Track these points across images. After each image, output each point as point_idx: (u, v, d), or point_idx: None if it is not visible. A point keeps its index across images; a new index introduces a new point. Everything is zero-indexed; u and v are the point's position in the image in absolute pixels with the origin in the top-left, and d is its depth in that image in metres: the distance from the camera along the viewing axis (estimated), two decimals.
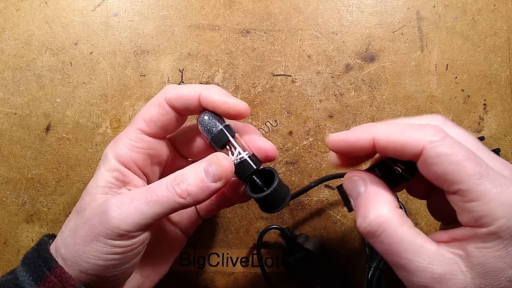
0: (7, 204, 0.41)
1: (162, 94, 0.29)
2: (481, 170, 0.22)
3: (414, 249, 0.23)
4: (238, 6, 0.42)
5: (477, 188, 0.21)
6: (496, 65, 0.41)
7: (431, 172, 0.23)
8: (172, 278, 0.40)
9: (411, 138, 0.23)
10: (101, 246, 0.26)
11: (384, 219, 0.23)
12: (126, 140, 0.29)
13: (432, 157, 0.22)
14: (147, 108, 0.29)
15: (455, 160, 0.22)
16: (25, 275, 0.27)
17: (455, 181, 0.22)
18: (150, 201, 0.26)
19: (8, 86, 0.41)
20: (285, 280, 0.41)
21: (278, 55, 0.42)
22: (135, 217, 0.26)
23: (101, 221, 0.26)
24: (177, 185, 0.27)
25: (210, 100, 0.28)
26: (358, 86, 0.41)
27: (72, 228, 0.28)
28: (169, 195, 0.26)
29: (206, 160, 0.28)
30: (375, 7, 0.42)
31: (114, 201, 0.26)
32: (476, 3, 0.42)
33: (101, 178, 0.28)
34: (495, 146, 0.41)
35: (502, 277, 0.21)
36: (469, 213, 0.22)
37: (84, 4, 0.42)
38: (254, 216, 0.41)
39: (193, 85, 0.30)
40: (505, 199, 0.21)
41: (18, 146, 0.41)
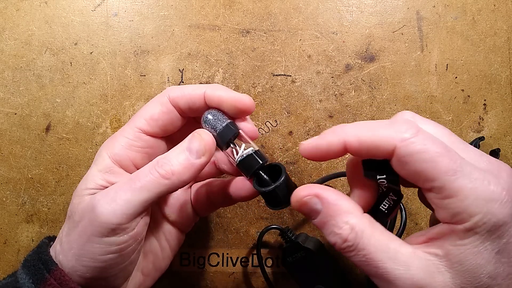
0: (7, 204, 0.41)
1: (166, 93, 0.29)
2: (455, 165, 0.21)
3: (390, 256, 0.22)
4: (238, 6, 0.42)
5: (452, 185, 0.21)
6: (496, 65, 0.41)
7: (405, 171, 0.22)
8: (172, 278, 0.40)
9: (382, 138, 0.23)
10: (96, 247, 0.26)
11: (357, 231, 0.23)
12: (123, 139, 0.29)
13: (405, 156, 0.22)
14: (149, 106, 0.29)
15: (428, 158, 0.21)
16: (25, 278, 0.27)
17: (429, 179, 0.21)
18: (135, 188, 0.26)
19: (8, 86, 0.41)
20: (285, 280, 0.41)
21: (278, 55, 0.42)
22: (123, 208, 0.25)
23: (90, 220, 0.25)
24: (160, 167, 0.26)
25: (216, 96, 0.28)
26: (358, 86, 0.41)
27: (66, 234, 0.28)
28: (153, 179, 0.26)
29: (187, 138, 0.27)
30: (375, 7, 0.42)
31: (100, 197, 0.26)
32: (476, 3, 0.42)
33: (90, 179, 0.28)
34: (495, 146, 0.41)
35: (482, 273, 0.21)
36: (445, 210, 0.22)
37: (84, 4, 0.42)
38: (254, 216, 0.41)
39: (196, 85, 0.30)
40: (480, 194, 0.21)
41: (18, 146, 0.41)
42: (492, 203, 0.20)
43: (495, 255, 0.21)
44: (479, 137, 0.40)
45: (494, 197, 0.20)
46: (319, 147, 0.25)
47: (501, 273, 0.21)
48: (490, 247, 0.21)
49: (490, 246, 0.21)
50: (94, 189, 0.27)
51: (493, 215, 0.20)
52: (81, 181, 0.29)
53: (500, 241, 0.21)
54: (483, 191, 0.21)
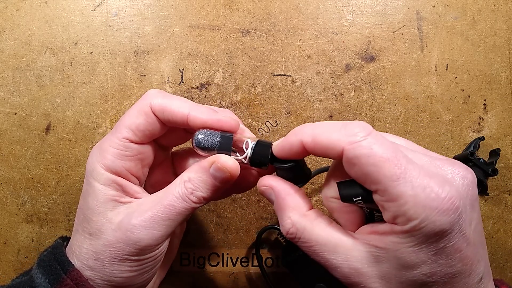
0: (7, 204, 0.41)
1: (147, 101, 0.28)
2: (399, 171, 0.22)
3: (329, 249, 0.24)
4: (238, 6, 0.42)
5: (393, 190, 0.22)
6: (496, 65, 0.41)
7: (353, 172, 0.23)
8: (172, 278, 0.40)
9: (333, 140, 0.24)
10: (132, 263, 0.27)
11: (298, 227, 0.25)
12: (113, 150, 0.28)
13: (352, 159, 0.23)
14: (132, 116, 0.28)
15: (373, 162, 0.22)
16: (41, 278, 0.27)
17: (374, 182, 0.22)
18: (171, 215, 0.27)
19: (8, 86, 0.41)
20: (285, 280, 0.41)
21: (278, 55, 0.42)
22: (162, 232, 0.27)
23: (128, 243, 0.27)
24: (191, 195, 0.28)
25: (200, 121, 0.28)
26: (358, 86, 0.41)
27: (92, 251, 0.28)
28: (187, 205, 0.28)
29: (213, 166, 0.28)
30: (375, 7, 0.42)
31: (135, 222, 0.27)
32: (476, 3, 0.42)
33: (100, 194, 0.28)
34: (495, 146, 0.41)
35: (417, 271, 0.22)
36: (388, 212, 0.23)
37: (84, 4, 0.42)
38: (254, 216, 0.41)
39: (179, 100, 0.29)
40: (420, 201, 0.21)
41: (18, 146, 0.41)
42: (430, 211, 0.21)
43: (431, 257, 0.22)
44: (479, 137, 0.40)
45: (433, 204, 0.21)
46: (284, 147, 0.26)
47: (438, 273, 0.22)
48: (426, 249, 0.22)
49: (426, 248, 0.22)
50: (109, 202, 0.28)
51: (430, 222, 0.21)
52: (85, 197, 0.29)
53: (438, 245, 0.21)
54: (423, 198, 0.21)
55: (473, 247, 0.22)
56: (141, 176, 0.31)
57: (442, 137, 0.41)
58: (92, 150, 0.29)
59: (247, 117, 0.41)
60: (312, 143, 0.24)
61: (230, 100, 0.42)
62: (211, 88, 0.42)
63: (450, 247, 0.21)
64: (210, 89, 0.42)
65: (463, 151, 0.41)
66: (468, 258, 0.22)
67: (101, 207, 0.28)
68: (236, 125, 0.29)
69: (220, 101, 0.41)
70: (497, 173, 0.39)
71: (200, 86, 0.42)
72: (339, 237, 0.25)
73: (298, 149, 0.25)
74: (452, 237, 0.21)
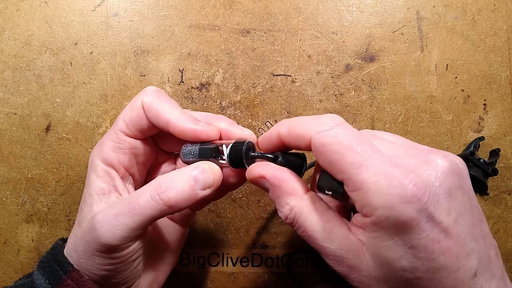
0: (7, 204, 0.41)
1: (141, 96, 0.29)
2: (361, 159, 0.21)
3: (324, 236, 0.24)
4: (238, 6, 0.42)
5: (356, 177, 0.21)
6: (496, 65, 0.41)
7: (321, 161, 0.24)
8: (172, 278, 0.40)
9: (303, 129, 0.24)
10: (100, 260, 0.27)
11: (295, 212, 0.25)
12: (109, 142, 0.29)
13: (318, 146, 0.23)
14: (127, 109, 0.29)
15: (337, 149, 0.22)
16: (41, 279, 0.28)
17: (339, 170, 0.22)
18: (134, 214, 0.26)
19: (8, 86, 0.41)
20: (285, 280, 0.41)
21: (278, 55, 0.42)
22: (123, 232, 0.26)
23: (92, 238, 0.26)
24: (162, 193, 0.26)
25: (178, 130, 0.28)
26: (358, 86, 0.41)
27: (74, 241, 0.28)
28: (154, 204, 0.26)
29: (197, 167, 0.27)
30: (375, 7, 0.42)
31: (100, 217, 0.26)
32: (476, 3, 0.42)
33: (93, 185, 0.29)
34: (495, 146, 0.41)
35: (397, 267, 0.21)
36: (356, 203, 0.22)
37: (84, 4, 0.42)
38: (254, 216, 0.41)
39: (169, 104, 0.28)
40: (381, 188, 0.21)
41: (18, 146, 0.41)
42: (394, 199, 0.20)
43: (408, 250, 0.21)
44: (479, 137, 0.40)
45: (395, 192, 0.20)
46: (264, 139, 0.27)
47: (419, 268, 0.21)
48: (401, 242, 0.21)
49: (400, 241, 0.21)
50: (98, 195, 0.28)
51: (395, 211, 0.20)
52: (84, 188, 0.29)
53: (411, 237, 0.21)
54: (385, 186, 0.21)
55: (456, 238, 0.21)
56: (135, 173, 0.31)
57: (442, 137, 0.41)
58: (96, 145, 0.30)
59: (247, 117, 0.41)
60: (286, 134, 0.25)
61: (230, 100, 0.42)
62: (211, 88, 0.42)
63: (425, 238, 0.20)
64: (210, 89, 0.42)
65: (463, 151, 0.41)
66: (451, 250, 0.21)
67: (91, 198, 0.28)
68: (214, 134, 0.28)
69: (220, 101, 0.41)
70: (497, 173, 0.39)
71: (200, 86, 0.42)
72: (334, 225, 0.24)
73: (276, 141, 0.26)
74: (423, 226, 0.20)
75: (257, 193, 0.41)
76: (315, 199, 0.25)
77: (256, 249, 0.41)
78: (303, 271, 0.40)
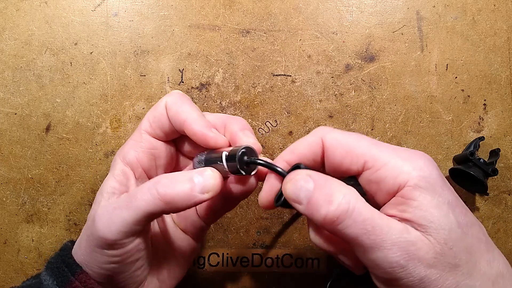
0: (7, 204, 0.41)
1: (165, 98, 0.29)
2: (375, 142, 0.24)
3: (385, 223, 0.22)
4: (238, 6, 0.42)
5: (380, 154, 0.23)
6: (496, 65, 0.41)
7: (337, 157, 0.25)
8: None
9: (309, 139, 0.26)
10: (99, 257, 0.26)
11: (351, 197, 0.22)
12: (131, 141, 0.29)
13: (332, 142, 0.25)
14: (152, 109, 0.30)
15: (351, 140, 0.24)
16: (49, 280, 0.28)
17: (359, 155, 0.24)
18: (130, 207, 0.25)
19: (8, 86, 0.41)
20: (285, 280, 0.41)
21: (278, 55, 0.42)
22: (118, 225, 0.25)
23: (92, 232, 0.26)
24: (161, 187, 0.25)
25: (191, 131, 0.28)
26: (358, 86, 0.41)
27: (80, 237, 0.29)
28: (150, 199, 0.25)
29: (200, 171, 0.27)
30: (375, 7, 0.42)
31: (100, 211, 0.26)
32: (476, 3, 0.42)
33: (107, 184, 0.28)
34: (495, 146, 0.41)
35: (453, 224, 0.22)
36: (385, 180, 0.23)
37: (84, 4, 0.42)
38: (254, 216, 0.41)
39: (190, 107, 0.28)
40: (404, 157, 0.23)
41: (18, 146, 0.41)
42: (418, 162, 0.23)
43: (449, 206, 0.22)
44: (479, 137, 0.40)
45: (417, 157, 0.23)
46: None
47: (460, 223, 0.22)
48: (441, 199, 0.22)
49: (441, 198, 0.22)
50: (108, 193, 0.28)
51: (424, 171, 0.23)
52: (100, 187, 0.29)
53: (444, 193, 0.23)
54: (406, 155, 0.23)
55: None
56: (153, 176, 0.30)
57: (442, 137, 0.41)
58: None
59: (247, 117, 0.41)
60: (293, 156, 0.26)
61: (230, 100, 0.42)
62: (211, 88, 0.42)
63: (452, 196, 0.23)
64: (210, 89, 0.42)
65: (463, 151, 0.41)
66: (468, 212, 0.23)
67: (100, 196, 0.28)
68: (222, 142, 0.28)
69: (220, 101, 0.41)
70: (497, 173, 0.39)
71: (200, 86, 0.42)
72: (388, 217, 0.23)
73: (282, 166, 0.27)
74: (444, 187, 0.23)
75: (257, 193, 0.41)
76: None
77: (256, 249, 0.41)
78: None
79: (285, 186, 0.25)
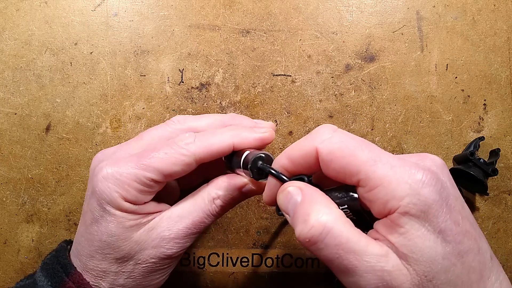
0: (7, 204, 0.41)
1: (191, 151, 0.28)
2: (374, 155, 0.22)
3: (361, 249, 0.21)
4: (238, 6, 0.42)
5: (375, 174, 0.21)
6: (496, 65, 0.41)
7: (331, 170, 0.23)
8: (172, 278, 0.40)
9: (304, 147, 0.24)
10: (163, 271, 0.30)
11: (327, 220, 0.22)
12: (136, 185, 0.29)
13: (327, 155, 0.23)
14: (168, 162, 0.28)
15: (348, 152, 0.22)
16: (44, 280, 0.28)
17: (353, 172, 0.22)
18: (200, 229, 0.29)
19: (8, 86, 0.41)
20: (285, 280, 0.41)
21: (278, 55, 0.42)
22: (191, 242, 0.29)
23: (160, 257, 0.29)
24: (220, 210, 0.29)
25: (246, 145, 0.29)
26: (358, 86, 0.41)
27: (123, 272, 0.30)
28: (213, 219, 0.29)
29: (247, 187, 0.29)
30: (375, 7, 0.42)
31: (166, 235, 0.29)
32: (476, 3, 0.42)
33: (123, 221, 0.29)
34: (495, 146, 0.41)
35: (436, 256, 0.21)
36: (377, 202, 0.22)
37: (84, 4, 0.42)
38: (254, 216, 0.41)
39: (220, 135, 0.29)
40: (402, 178, 0.21)
41: (18, 146, 0.41)
42: (416, 184, 0.21)
43: (438, 235, 0.21)
44: (479, 137, 0.40)
45: (416, 178, 0.21)
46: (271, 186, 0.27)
47: (452, 252, 0.21)
48: (431, 227, 0.21)
49: (430, 226, 0.21)
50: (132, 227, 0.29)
51: (420, 195, 0.21)
52: (100, 222, 0.28)
53: (438, 221, 0.21)
54: (404, 175, 0.21)
55: (468, 221, 0.22)
56: None
57: (442, 137, 0.41)
58: (106, 174, 0.27)
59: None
60: (289, 162, 0.25)
61: (230, 100, 0.42)
62: (211, 88, 0.42)
63: (449, 220, 0.21)
64: (210, 89, 0.42)
65: (463, 151, 0.41)
66: (470, 232, 0.21)
67: (127, 232, 0.27)
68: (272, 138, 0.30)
69: (220, 101, 0.42)
70: (497, 173, 0.39)
71: (200, 86, 0.42)
72: (367, 239, 0.22)
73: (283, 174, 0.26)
74: (444, 209, 0.21)
75: None
76: (344, 215, 0.24)
77: (256, 249, 0.41)
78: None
79: (278, 195, 0.25)
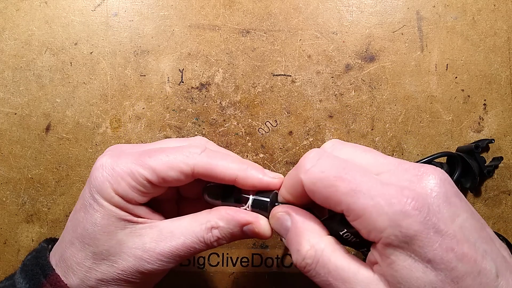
0: (7, 204, 0.41)
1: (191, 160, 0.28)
2: (354, 186, 0.21)
3: (349, 277, 0.22)
4: (238, 6, 0.42)
5: (355, 206, 0.21)
6: (496, 65, 0.41)
7: (317, 199, 0.23)
8: (172, 278, 0.40)
9: (293, 178, 0.24)
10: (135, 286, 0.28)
11: (316, 249, 0.23)
12: (129, 181, 0.28)
13: (310, 186, 0.23)
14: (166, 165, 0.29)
15: (328, 183, 0.22)
16: (22, 282, 0.27)
17: (336, 203, 0.22)
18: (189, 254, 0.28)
19: (8, 86, 0.41)
20: (285, 281, 0.41)
21: (278, 55, 0.42)
22: (174, 265, 0.28)
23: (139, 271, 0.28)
24: (214, 242, 0.28)
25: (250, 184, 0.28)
26: (358, 86, 0.41)
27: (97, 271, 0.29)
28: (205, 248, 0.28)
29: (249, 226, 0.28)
30: (375, 7, 0.42)
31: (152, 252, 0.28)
32: (476, 3, 0.42)
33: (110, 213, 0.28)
34: (495, 146, 0.41)
35: (427, 286, 0.20)
36: (362, 231, 0.22)
37: (84, 4, 0.42)
38: None
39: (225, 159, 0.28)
40: (382, 209, 0.21)
41: (18, 146, 0.41)
42: (396, 216, 0.20)
43: (427, 264, 0.20)
44: (489, 139, 0.40)
45: (397, 209, 0.20)
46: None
47: (445, 280, 0.20)
48: (418, 257, 0.20)
49: (417, 257, 0.20)
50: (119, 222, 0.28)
51: (401, 227, 0.20)
52: (88, 210, 0.28)
53: (425, 250, 0.20)
54: (385, 206, 0.21)
55: (467, 243, 0.21)
56: None
57: (442, 137, 0.41)
58: (104, 163, 0.27)
59: (247, 117, 0.41)
60: (287, 194, 0.26)
61: (230, 100, 0.42)
62: (211, 88, 0.42)
63: (439, 248, 0.20)
64: (210, 89, 0.42)
65: (469, 144, 0.40)
66: (467, 255, 0.20)
67: (111, 226, 0.27)
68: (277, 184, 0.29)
69: (220, 101, 0.42)
70: (491, 174, 0.39)
71: (200, 86, 0.42)
72: (358, 266, 0.22)
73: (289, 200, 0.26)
74: (432, 237, 0.20)
75: None
76: (335, 241, 0.24)
77: (256, 249, 0.41)
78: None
79: (270, 220, 0.27)
